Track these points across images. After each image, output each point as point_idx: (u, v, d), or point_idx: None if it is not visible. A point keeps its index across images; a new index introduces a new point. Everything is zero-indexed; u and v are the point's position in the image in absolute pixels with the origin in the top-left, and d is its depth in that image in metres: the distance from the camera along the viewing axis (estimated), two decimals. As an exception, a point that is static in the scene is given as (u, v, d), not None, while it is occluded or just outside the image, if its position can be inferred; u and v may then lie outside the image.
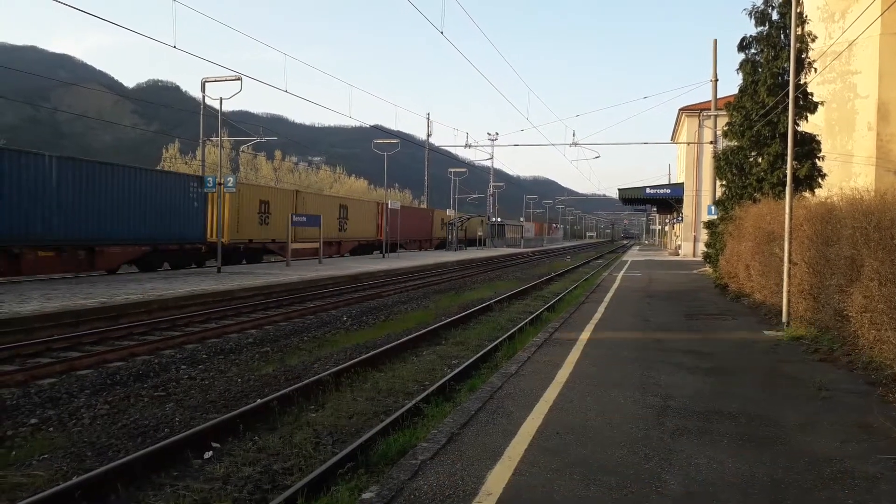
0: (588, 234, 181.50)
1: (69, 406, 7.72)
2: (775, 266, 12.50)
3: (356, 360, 9.80)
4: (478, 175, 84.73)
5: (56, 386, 8.64)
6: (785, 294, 11.32)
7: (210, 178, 24.08)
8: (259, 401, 7.57)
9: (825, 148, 18.02)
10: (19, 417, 7.26)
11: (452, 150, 54.75)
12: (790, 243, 11.09)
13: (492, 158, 63.70)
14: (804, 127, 17.44)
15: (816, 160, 17.17)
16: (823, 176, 17.13)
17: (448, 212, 59.41)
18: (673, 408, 6.36)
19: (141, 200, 21.88)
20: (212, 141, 37.96)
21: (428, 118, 58.37)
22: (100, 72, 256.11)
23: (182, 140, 79.12)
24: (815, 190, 16.70)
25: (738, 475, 4.61)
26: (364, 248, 42.36)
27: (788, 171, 11.60)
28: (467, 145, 46.36)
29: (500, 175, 78.99)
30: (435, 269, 31.17)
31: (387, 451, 5.87)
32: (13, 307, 12.86)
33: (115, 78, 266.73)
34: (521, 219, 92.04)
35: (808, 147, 17.09)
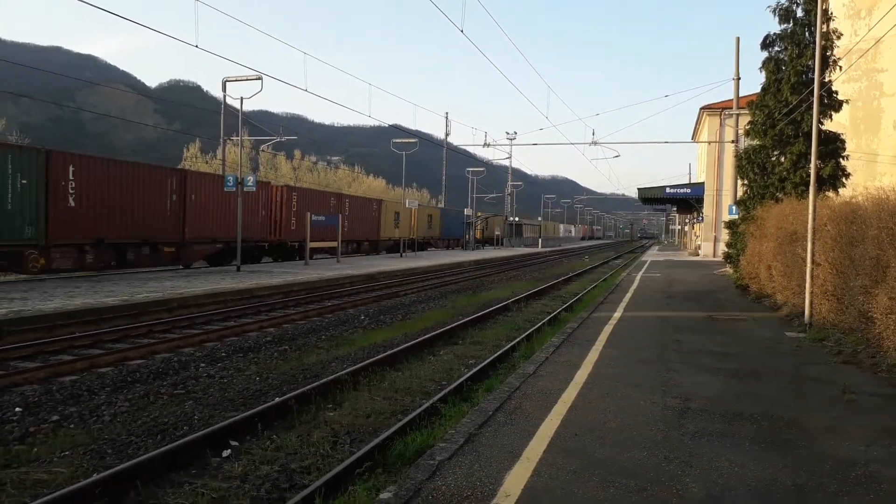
0: (607, 233, 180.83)
1: (90, 403, 7.79)
2: (798, 267, 12.32)
3: (373, 359, 9.80)
4: (496, 174, 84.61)
5: (77, 383, 8.73)
6: (808, 295, 11.16)
7: (230, 177, 24.26)
8: (277, 399, 7.59)
9: (850, 147, 17.74)
10: (41, 414, 7.34)
11: (471, 149, 54.66)
12: (813, 244, 10.93)
13: (510, 157, 63.53)
14: (828, 126, 17.19)
15: (841, 159, 16.92)
16: (848, 175, 16.88)
17: (466, 210, 59.35)
18: (693, 409, 6.28)
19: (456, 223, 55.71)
20: (232, 140, 38.23)
21: (446, 117, 58.34)
22: (123, 72, 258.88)
23: (203, 139, 79.87)
24: (840, 190, 16.46)
25: (761, 479, 4.54)
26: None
27: (812, 171, 11.43)
28: (486, 144, 46.19)
29: (518, 174, 78.71)
30: (452, 269, 31.15)
31: (404, 451, 5.85)
32: (37, 304, 13.03)
33: (138, 78, 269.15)
34: (539, 218, 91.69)
35: (833, 146, 16.84)
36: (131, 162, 23.38)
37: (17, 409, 7.46)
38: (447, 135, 58.37)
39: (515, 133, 58.21)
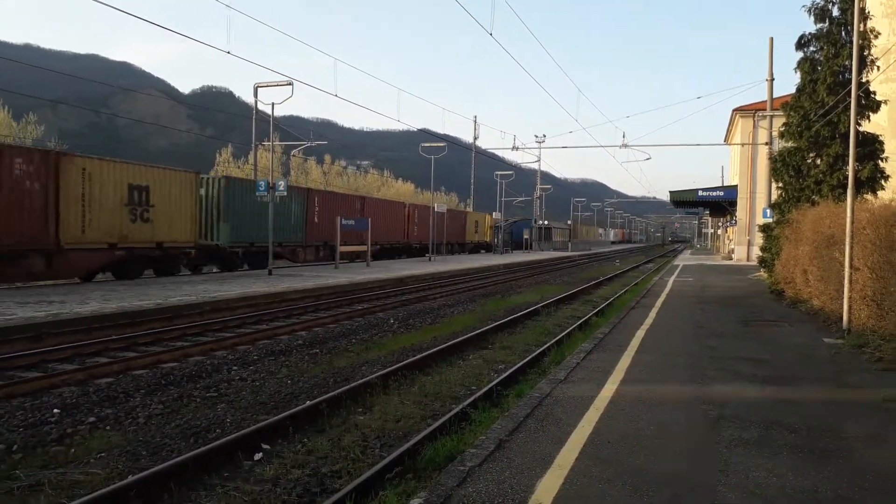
0: (639, 237, 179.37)
1: (125, 405, 7.91)
2: (835, 271, 12.06)
3: (403, 363, 9.81)
4: (524, 177, 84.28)
5: (113, 385, 8.87)
6: (846, 300, 10.91)
7: (262, 182, 24.57)
8: (308, 403, 7.64)
9: (888, 148, 17.31)
10: (78, 415, 7.47)
11: (499, 152, 55.15)
12: (852, 248, 10.68)
13: (539, 161, 63.24)
14: (866, 127, 16.82)
15: (879, 161, 16.54)
16: (886, 178, 16.48)
17: (494, 214, 59.26)
18: (729, 417, 6.17)
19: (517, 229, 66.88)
20: (264, 145, 38.63)
21: (475, 121, 58.39)
22: (157, 78, 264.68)
23: (235, 144, 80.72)
24: (878, 192, 16.09)
25: (800, 490, 4.43)
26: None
27: (850, 173, 11.18)
28: (514, 148, 46.11)
29: (547, 177, 78.43)
30: (481, 273, 31.10)
31: (434, 456, 5.83)
32: (74, 308, 13.30)
33: (172, 84, 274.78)
34: (568, 221, 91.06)
35: (871, 148, 16.47)
36: (339, 193, 42.59)
37: (56, 410, 7.60)
38: (475, 138, 58.41)
39: (544, 136, 57.78)
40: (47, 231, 17.61)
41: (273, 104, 26.36)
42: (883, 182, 16.40)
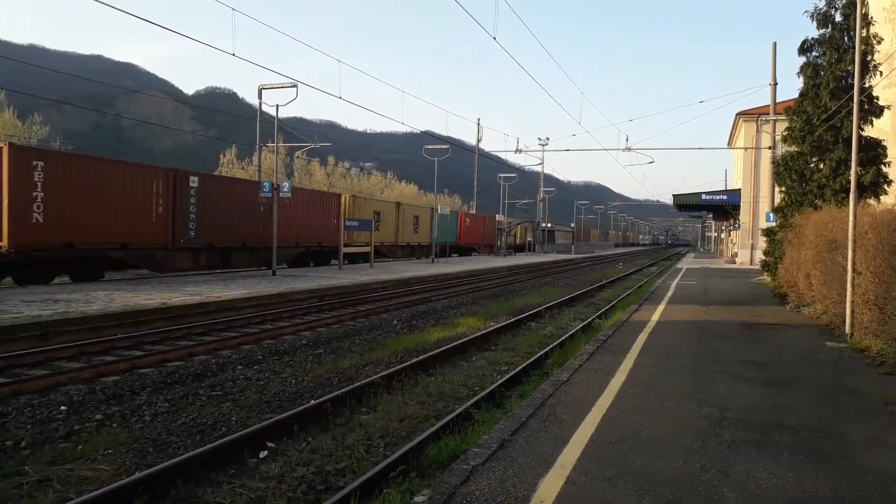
0: (641, 239, 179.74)
1: (132, 403, 7.98)
2: (838, 275, 12.09)
3: (407, 363, 9.87)
4: (527, 180, 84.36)
5: (119, 383, 8.94)
6: (848, 304, 10.94)
7: (266, 184, 24.64)
8: (312, 402, 7.69)
9: (891, 153, 17.37)
10: (85, 413, 7.54)
11: (502, 155, 55.35)
12: (854, 252, 10.72)
13: (542, 163, 63.32)
14: (869, 132, 16.87)
15: (882, 166, 16.60)
16: (889, 182, 16.54)
17: (498, 216, 59.32)
18: (730, 419, 6.21)
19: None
20: (268, 147, 38.77)
21: (478, 123, 58.46)
22: (161, 79, 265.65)
23: (239, 146, 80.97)
24: (881, 197, 16.13)
25: (800, 491, 4.48)
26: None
27: (853, 178, 11.23)
28: (518, 150, 46.24)
29: (550, 180, 78.39)
30: (484, 275, 31.14)
31: (438, 455, 5.89)
32: (80, 307, 13.38)
33: (176, 85, 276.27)
34: (571, 224, 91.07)
35: (874, 152, 16.52)
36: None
37: (63, 407, 7.67)
38: (479, 141, 58.48)
39: (548, 139, 57.94)
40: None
41: (277, 106, 26.60)
42: (886, 186, 16.46)
